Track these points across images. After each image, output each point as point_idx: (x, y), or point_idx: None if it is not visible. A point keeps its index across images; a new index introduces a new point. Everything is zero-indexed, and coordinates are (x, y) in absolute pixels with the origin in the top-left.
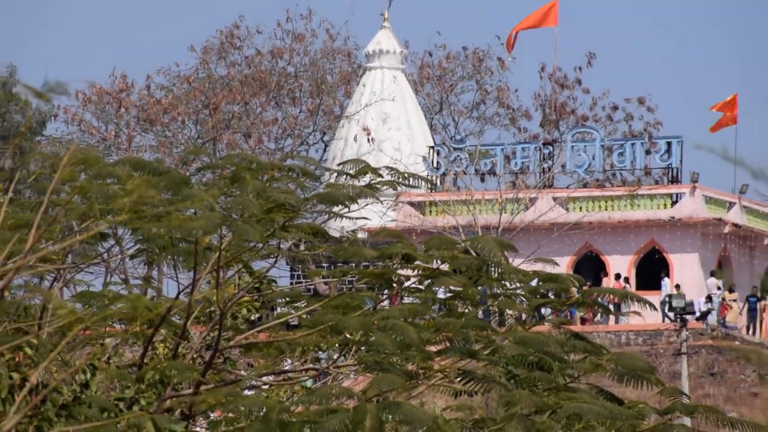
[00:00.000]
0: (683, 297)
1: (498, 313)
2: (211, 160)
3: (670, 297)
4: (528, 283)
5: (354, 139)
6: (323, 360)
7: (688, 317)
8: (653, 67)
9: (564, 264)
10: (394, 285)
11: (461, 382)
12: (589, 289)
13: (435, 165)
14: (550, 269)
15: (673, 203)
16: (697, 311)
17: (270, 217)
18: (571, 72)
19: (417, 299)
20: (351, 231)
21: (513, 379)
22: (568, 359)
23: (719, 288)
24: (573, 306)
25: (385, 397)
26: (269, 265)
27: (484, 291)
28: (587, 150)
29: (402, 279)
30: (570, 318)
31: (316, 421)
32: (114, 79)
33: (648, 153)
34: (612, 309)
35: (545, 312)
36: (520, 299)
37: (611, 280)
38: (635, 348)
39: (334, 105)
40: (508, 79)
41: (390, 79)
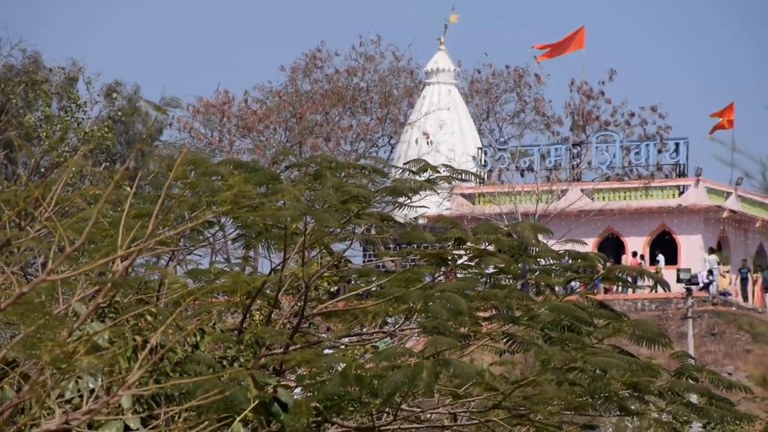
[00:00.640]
0: (689, 271)
1: (535, 286)
2: (297, 160)
3: (678, 271)
4: (560, 261)
5: (415, 142)
6: (390, 324)
7: (693, 287)
8: (664, 81)
9: (590, 244)
10: (448, 263)
11: (504, 342)
12: (612, 266)
13: (483, 163)
14: (578, 249)
15: (680, 193)
16: (701, 282)
17: (346, 207)
18: (596, 85)
19: (468, 275)
20: (413, 218)
21: (548, 340)
22: (593, 324)
23: (718, 263)
24: (598, 279)
25: (440, 356)
26: (345, 247)
27: (523, 267)
28: (609, 150)
29: (455, 258)
30: (595, 289)
31: (383, 375)
32: (218, 94)
33: (659, 152)
34: (630, 282)
35: (575, 284)
36: (554, 274)
37: (629, 257)
38: (649, 313)
39: (399, 114)
40: (543, 92)
41: (445, 92)
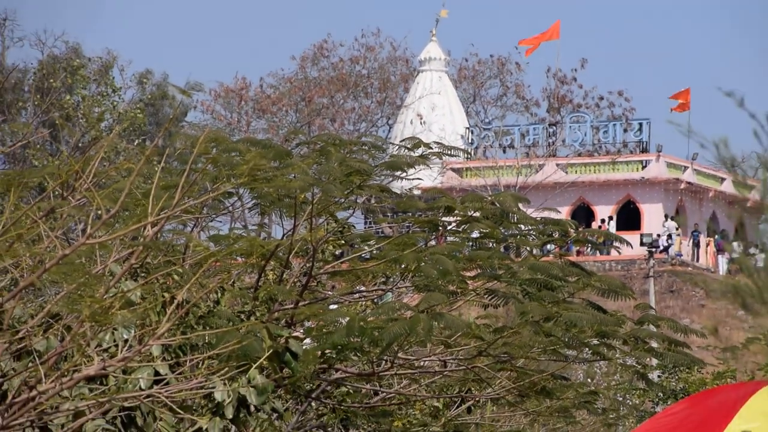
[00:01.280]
0: (651, 235)
1: (515, 248)
2: (306, 138)
3: (641, 236)
4: (537, 226)
5: (410, 123)
6: (389, 283)
7: (654, 250)
8: (629, 68)
9: (564, 212)
10: (439, 228)
11: (488, 298)
12: (582, 230)
13: (470, 141)
14: (553, 216)
15: (643, 167)
16: (661, 246)
17: (349, 180)
18: (570, 72)
19: (456, 239)
20: (408, 189)
21: (526, 296)
22: (566, 281)
23: (677, 229)
24: (571, 242)
25: (433, 310)
26: (349, 215)
27: (505, 232)
28: (581, 129)
29: (445, 224)
30: (568, 251)
31: (383, 327)
32: (236, 80)
33: (625, 131)
34: (599, 244)
35: (550, 247)
36: (531, 238)
37: (598, 223)
38: (615, 273)
39: (395, 98)
40: (523, 78)
41: (437, 79)
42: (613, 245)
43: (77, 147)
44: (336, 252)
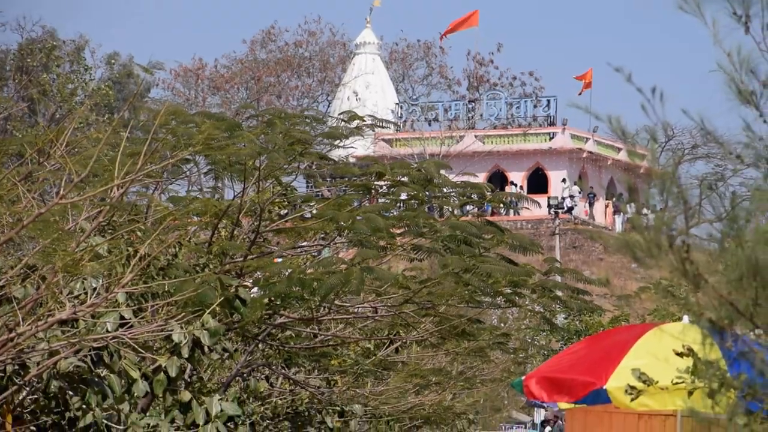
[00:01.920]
0: (557, 198)
1: (439, 209)
2: (255, 112)
3: (549, 198)
4: (458, 189)
5: (347, 99)
6: (326, 239)
7: (559, 211)
8: (540, 52)
9: (481, 177)
10: (371, 191)
11: (414, 253)
12: (497, 193)
13: (399, 115)
14: (472, 180)
15: (551, 138)
16: (565, 207)
17: (292, 148)
18: (487, 55)
19: (386, 200)
20: (344, 157)
21: (447, 250)
22: (483, 237)
23: (579, 192)
24: (487, 203)
25: (365, 263)
26: (292, 179)
27: (429, 195)
28: (496, 105)
29: (377, 187)
30: (484, 211)
31: (321, 278)
32: (194, 61)
33: (535, 107)
34: (511, 205)
35: (469, 208)
36: (453, 199)
37: (512, 188)
38: (525, 231)
39: (334, 77)
40: (446, 60)
41: (370, 60)
42: (524, 206)
43: (52, 119)
44: (281, 212)
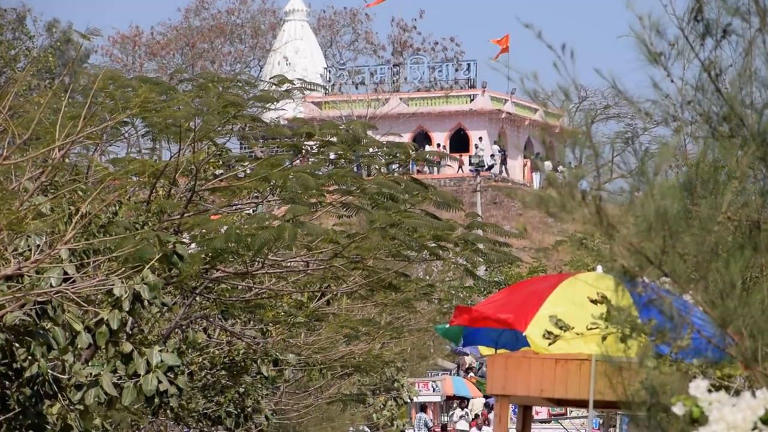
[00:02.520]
0: (477, 156)
1: (366, 167)
2: (190, 76)
3: (470, 157)
4: (383, 149)
5: (278, 64)
6: (259, 197)
7: (480, 169)
8: (459, 17)
9: (406, 137)
10: (302, 151)
11: (343, 209)
12: (422, 152)
13: (328, 79)
14: (397, 140)
15: (471, 100)
16: (486, 165)
17: (226, 111)
18: (410, 22)
19: (316, 160)
20: (275, 119)
21: (374, 206)
22: (408, 194)
23: (499, 151)
24: (411, 162)
25: (297, 219)
26: (226, 140)
27: (357, 154)
28: (419, 69)
29: (307, 148)
30: (410, 170)
31: (255, 234)
32: (131, 29)
33: (456, 70)
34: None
35: (394, 166)
36: (379, 158)
37: (435, 147)
38: (448, 188)
39: (265, 43)
40: (371, 26)
41: (300, 27)
42: (448, 164)
43: None
44: (216, 172)
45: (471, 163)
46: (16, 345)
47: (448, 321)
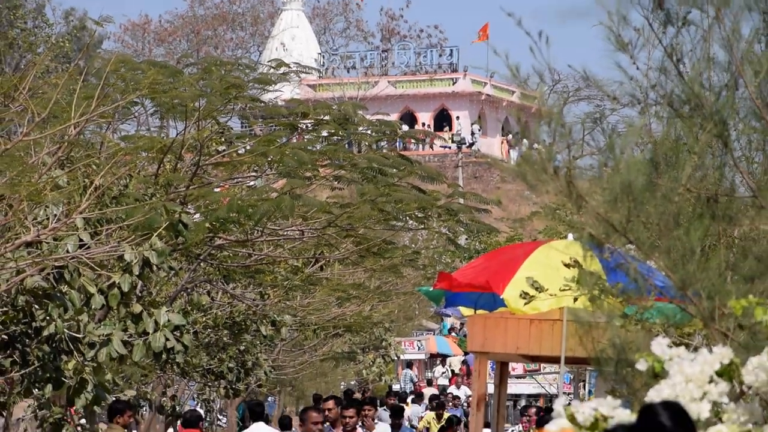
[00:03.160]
0: (459, 134)
1: (357, 144)
2: (195, 61)
3: (453, 136)
4: (373, 127)
5: (276, 50)
6: (258, 171)
7: (462, 146)
8: (443, 6)
9: (393, 117)
10: (297, 129)
11: (336, 182)
12: (408, 131)
13: (321, 63)
14: (385, 120)
15: (454, 83)
16: (467, 142)
17: (227, 91)
18: (398, 11)
19: (310, 137)
20: (273, 99)
21: (365, 180)
22: (396, 169)
23: (479, 129)
24: (399, 139)
25: (293, 192)
26: (227, 119)
27: (349, 132)
28: (406, 54)
29: (302, 126)
30: (397, 146)
31: (255, 205)
32: (141, 17)
33: (440, 56)
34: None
35: (383, 143)
36: (369, 136)
37: (420, 126)
38: (433, 164)
39: (264, 31)
40: (362, 15)
41: (296, 16)
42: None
43: (17, 68)
44: (218, 148)
45: (453, 141)
46: (35, 306)
47: (431, 285)
